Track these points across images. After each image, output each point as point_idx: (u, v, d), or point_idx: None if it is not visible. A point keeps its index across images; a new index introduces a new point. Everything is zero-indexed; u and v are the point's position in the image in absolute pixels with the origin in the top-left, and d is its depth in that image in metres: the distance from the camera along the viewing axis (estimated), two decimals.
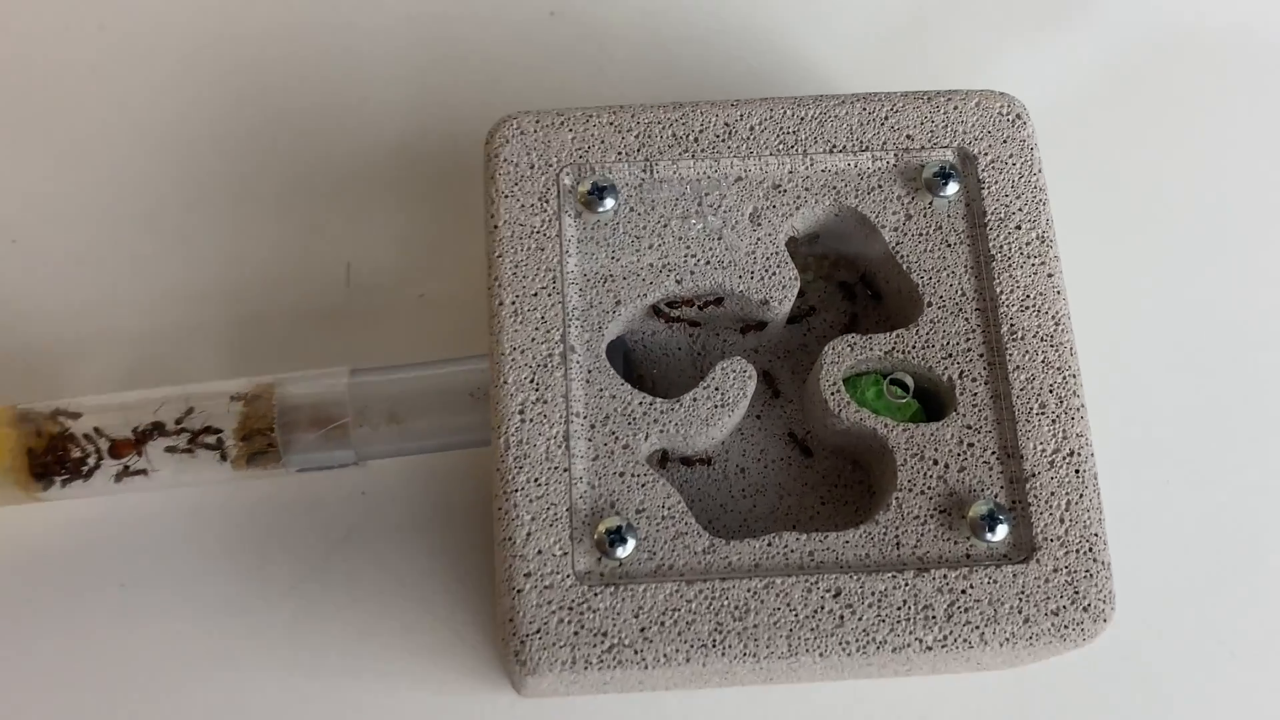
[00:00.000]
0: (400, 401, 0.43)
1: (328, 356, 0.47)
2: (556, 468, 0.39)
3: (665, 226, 0.42)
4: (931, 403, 0.42)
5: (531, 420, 0.40)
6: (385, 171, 0.51)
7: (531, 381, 0.40)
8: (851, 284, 0.46)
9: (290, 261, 0.49)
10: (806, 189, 0.43)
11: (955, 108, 0.44)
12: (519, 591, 0.38)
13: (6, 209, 0.50)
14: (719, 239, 0.42)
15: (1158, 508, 0.47)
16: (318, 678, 0.44)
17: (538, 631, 0.37)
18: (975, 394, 0.41)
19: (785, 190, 0.43)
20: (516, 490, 0.39)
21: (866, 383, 0.42)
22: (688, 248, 0.42)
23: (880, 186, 0.43)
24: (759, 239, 0.42)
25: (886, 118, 0.44)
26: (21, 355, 0.47)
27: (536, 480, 0.39)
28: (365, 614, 0.45)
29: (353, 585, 0.45)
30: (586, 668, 0.37)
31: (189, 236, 0.50)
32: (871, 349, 0.41)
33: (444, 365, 0.44)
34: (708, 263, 0.42)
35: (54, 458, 0.42)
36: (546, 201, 0.42)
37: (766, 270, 0.42)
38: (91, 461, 0.42)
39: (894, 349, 0.41)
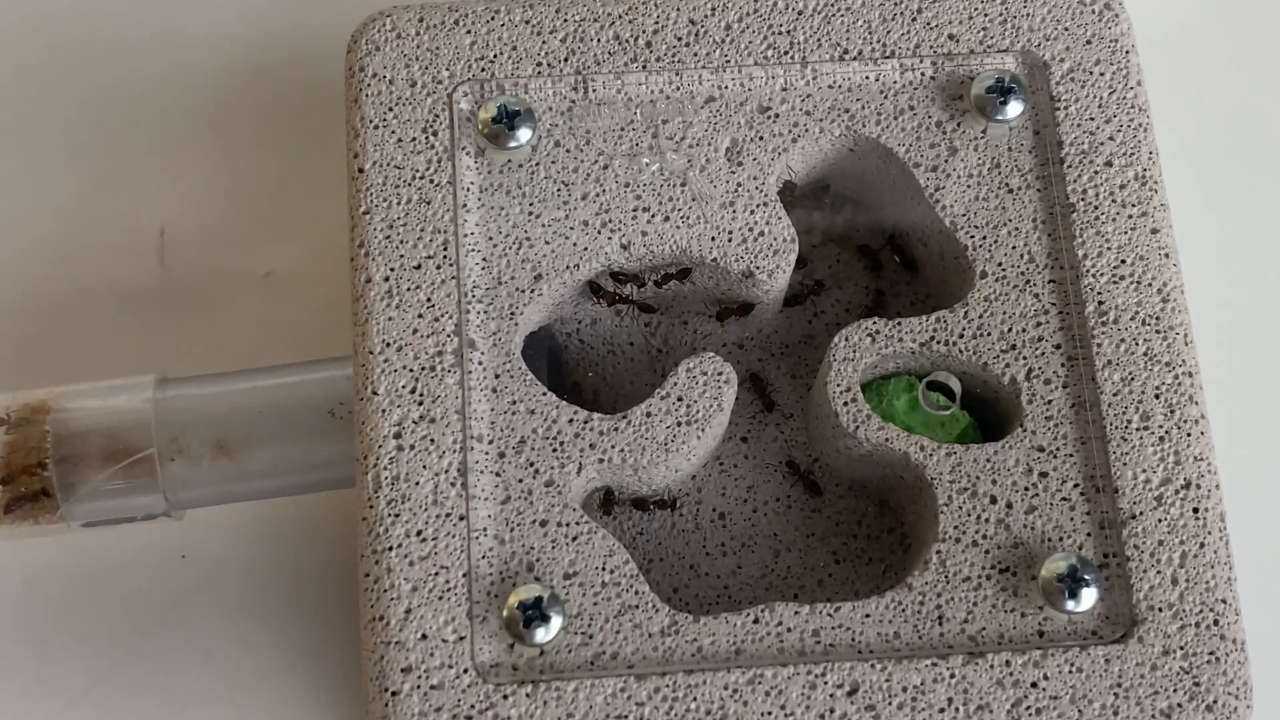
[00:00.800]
0: (231, 424, 0.42)
1: (131, 361, 0.46)
2: (449, 515, 0.38)
3: (606, 169, 0.41)
4: (988, 414, 0.41)
5: (413, 447, 0.39)
6: (213, 101, 0.51)
7: (413, 392, 0.39)
8: (875, 249, 0.45)
9: (80, 228, 0.49)
10: (807, 114, 0.42)
11: None
12: (394, 694, 0.37)
13: None
14: (682, 185, 0.41)
15: None
16: None
17: None
18: (1049, 402, 0.39)
19: (777, 115, 0.42)
20: (391, 548, 0.38)
21: (896, 388, 0.41)
22: (638, 198, 0.41)
23: (912, 108, 0.42)
24: (739, 184, 0.41)
25: (920, 10, 0.43)
26: None
27: (420, 534, 0.38)
28: None
29: (168, 687, 0.45)
30: None
31: None
32: (902, 339, 0.40)
33: (295, 372, 0.43)
34: (666, 219, 0.41)
35: None
36: (434, 134, 0.41)
37: (750, 229, 0.41)
38: None
39: (934, 339, 0.40)
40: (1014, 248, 0.41)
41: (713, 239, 0.41)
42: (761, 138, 0.42)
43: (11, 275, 0.49)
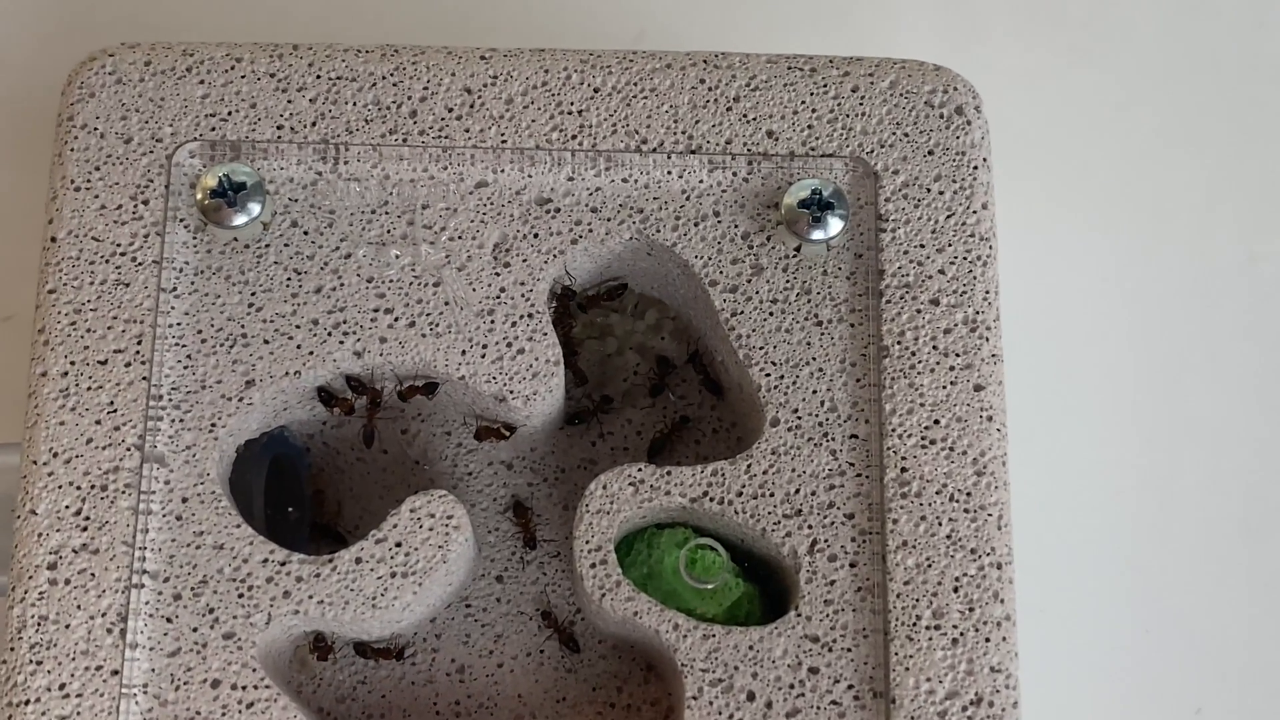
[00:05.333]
0: None
1: None
2: (100, 668, 0.35)
3: (348, 258, 0.38)
4: (779, 586, 0.37)
5: (69, 582, 0.35)
6: None
7: (78, 514, 0.35)
8: (675, 364, 0.40)
9: None
10: (593, 210, 0.38)
11: (855, 89, 0.39)
12: None
13: None
14: (435, 285, 0.37)
15: None
16: None
17: None
18: (832, 582, 0.36)
19: (558, 210, 0.38)
20: (28, 702, 0.35)
21: (669, 542, 0.37)
22: (381, 297, 0.38)
23: (717, 214, 0.38)
24: (504, 289, 0.37)
25: (737, 98, 0.39)
26: None
27: (64, 688, 0.34)
28: None
29: None
30: None
31: None
32: (669, 492, 0.37)
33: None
34: (412, 325, 0.37)
35: None
36: (144, 203, 0.37)
37: (508, 344, 0.37)
38: None
39: (706, 495, 0.36)
40: (814, 392, 0.37)
41: (463, 353, 0.37)
42: (536, 235, 0.38)
43: None
